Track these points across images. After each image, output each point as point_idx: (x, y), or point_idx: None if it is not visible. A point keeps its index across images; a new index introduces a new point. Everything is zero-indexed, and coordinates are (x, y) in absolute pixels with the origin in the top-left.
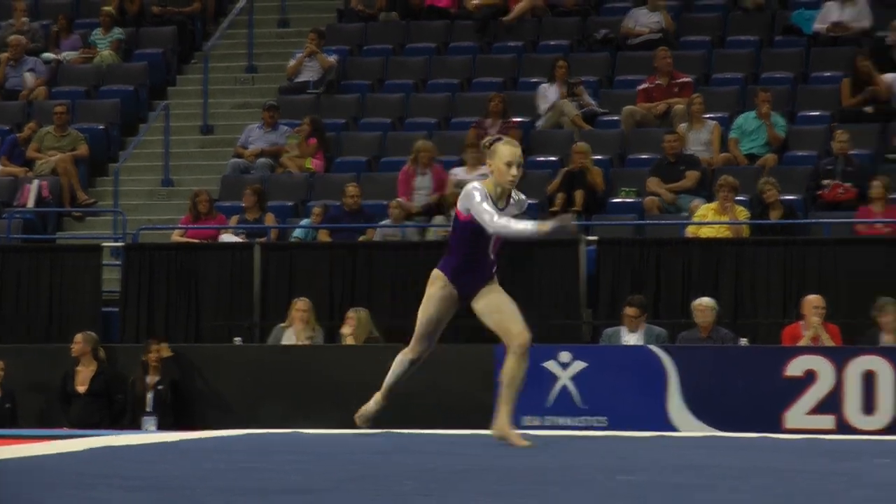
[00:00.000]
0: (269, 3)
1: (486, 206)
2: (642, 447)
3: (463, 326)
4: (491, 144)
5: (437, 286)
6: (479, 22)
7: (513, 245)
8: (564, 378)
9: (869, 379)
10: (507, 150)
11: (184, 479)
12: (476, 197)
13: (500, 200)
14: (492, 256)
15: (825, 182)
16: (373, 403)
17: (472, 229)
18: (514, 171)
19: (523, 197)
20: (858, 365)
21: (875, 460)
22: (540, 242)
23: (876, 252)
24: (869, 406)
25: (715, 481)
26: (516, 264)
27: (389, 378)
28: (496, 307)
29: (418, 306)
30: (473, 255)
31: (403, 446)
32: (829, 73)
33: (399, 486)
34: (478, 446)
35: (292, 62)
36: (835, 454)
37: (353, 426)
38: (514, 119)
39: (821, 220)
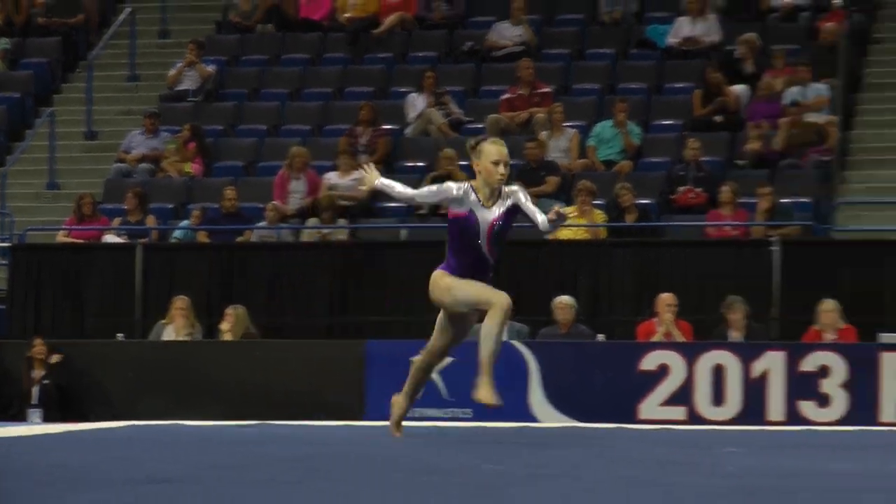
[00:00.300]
0: (150, 15)
1: (433, 192)
2: (506, 438)
3: (336, 324)
4: (476, 144)
5: (447, 277)
6: (350, 34)
7: (388, 247)
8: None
9: (718, 372)
10: (493, 150)
11: (65, 468)
12: (445, 189)
13: (489, 200)
14: (490, 259)
15: (678, 187)
16: (485, 380)
17: (458, 226)
18: (501, 169)
19: (514, 188)
20: (708, 359)
21: (723, 449)
22: (408, 244)
23: (725, 253)
24: (718, 398)
25: (577, 470)
26: (390, 263)
27: (491, 350)
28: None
29: (293, 303)
30: (467, 254)
31: (277, 436)
32: (681, 85)
33: (273, 473)
34: (348, 437)
35: (173, 71)
36: (686, 443)
37: (231, 417)
38: (384, 127)
39: (673, 223)
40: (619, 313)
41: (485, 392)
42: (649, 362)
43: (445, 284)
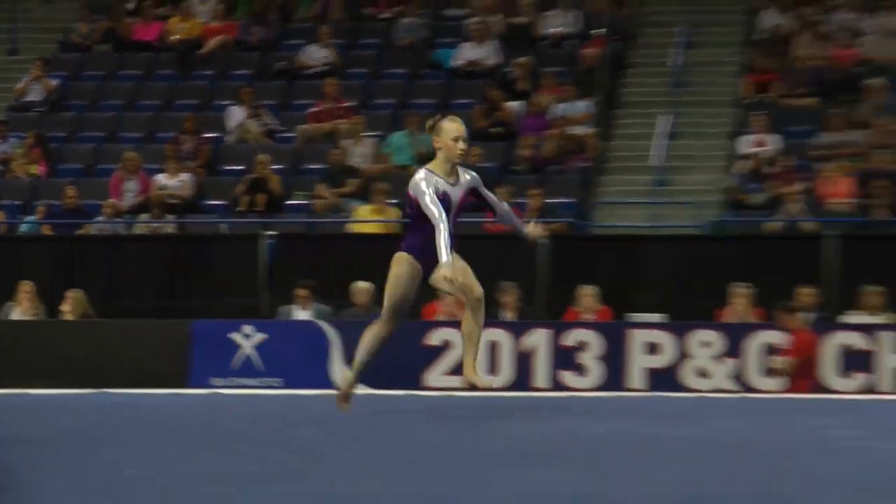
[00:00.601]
0: (0, 35)
1: (432, 203)
2: (313, 404)
3: (166, 307)
4: (435, 124)
5: (402, 266)
6: (178, 54)
7: (211, 239)
8: (247, 347)
9: (493, 347)
10: (452, 127)
11: None
12: (424, 190)
13: (451, 176)
14: (453, 230)
15: None
16: (346, 385)
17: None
18: (461, 144)
19: (475, 174)
20: (484, 336)
21: (495, 413)
22: (228, 236)
23: (500, 245)
24: (493, 368)
25: (373, 432)
26: (214, 253)
27: (363, 356)
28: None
29: (128, 290)
30: (432, 232)
31: (115, 404)
32: (465, 101)
33: (112, 436)
34: (175, 406)
35: (20, 85)
36: (466, 410)
37: (72, 386)
38: (207, 135)
39: (459, 220)
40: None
41: (340, 394)
42: (434, 338)
43: (395, 275)
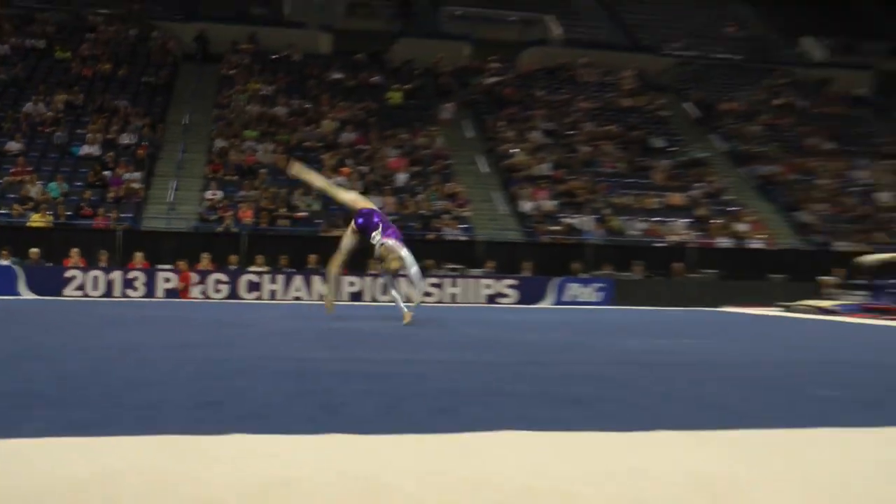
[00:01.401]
0: None
1: (408, 255)
2: (9, 304)
3: None
4: (388, 252)
5: (348, 231)
6: None
7: None
8: None
9: (97, 278)
10: (394, 263)
11: None
12: (407, 255)
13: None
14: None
15: (84, 207)
16: (329, 300)
17: (365, 229)
18: (394, 264)
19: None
20: (95, 273)
21: (106, 308)
22: None
23: (103, 235)
24: (95, 287)
25: (39, 315)
26: None
27: (331, 280)
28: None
29: None
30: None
31: None
32: (84, 170)
33: None
34: None
35: None
36: (88, 306)
37: None
38: None
39: (79, 222)
40: (54, 255)
41: (328, 303)
42: (69, 275)
43: (344, 234)
